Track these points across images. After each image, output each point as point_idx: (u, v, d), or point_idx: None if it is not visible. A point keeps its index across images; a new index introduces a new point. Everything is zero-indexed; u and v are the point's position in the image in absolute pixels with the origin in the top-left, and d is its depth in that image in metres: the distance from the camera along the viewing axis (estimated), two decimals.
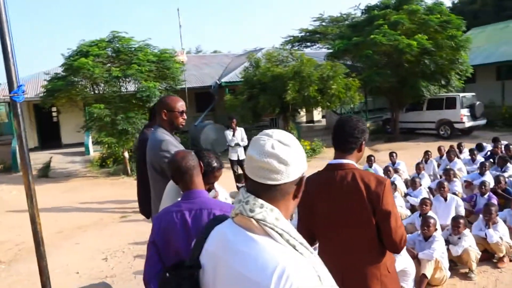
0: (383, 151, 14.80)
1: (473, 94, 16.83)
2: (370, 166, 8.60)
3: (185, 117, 3.19)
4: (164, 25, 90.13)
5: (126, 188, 11.41)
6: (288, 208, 1.21)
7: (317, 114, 21.24)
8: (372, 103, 21.91)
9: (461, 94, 16.17)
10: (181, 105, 3.13)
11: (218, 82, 17.50)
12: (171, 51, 12.93)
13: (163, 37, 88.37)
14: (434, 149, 13.56)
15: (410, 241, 4.63)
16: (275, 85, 13.09)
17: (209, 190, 2.50)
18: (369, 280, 2.21)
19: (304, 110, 15.57)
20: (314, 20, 37.44)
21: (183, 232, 2.05)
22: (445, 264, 4.40)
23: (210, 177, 2.37)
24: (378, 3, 17.36)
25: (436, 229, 4.61)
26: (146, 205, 3.61)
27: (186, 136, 16.82)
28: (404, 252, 4.14)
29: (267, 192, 1.17)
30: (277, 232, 1.11)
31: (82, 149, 16.92)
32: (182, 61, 14.03)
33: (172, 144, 3.00)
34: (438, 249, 4.35)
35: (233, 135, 9.35)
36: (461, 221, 4.68)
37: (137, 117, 11.92)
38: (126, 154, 12.93)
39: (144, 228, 7.44)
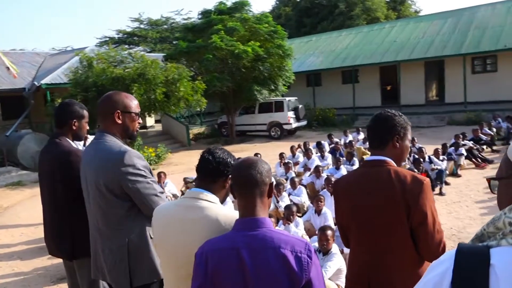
0: None
1: (296, 98, 18.86)
2: None
3: (141, 121, 2.45)
4: None
5: None
6: None
7: (150, 119, 20.30)
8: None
9: (287, 98, 17.93)
10: (137, 104, 2.40)
11: (36, 84, 14.82)
12: None
13: None
14: (268, 149, 14.70)
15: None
16: (116, 88, 11.85)
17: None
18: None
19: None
20: (132, 21, 35.93)
21: (239, 277, 1.48)
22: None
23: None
24: (212, 9, 17.71)
25: (334, 240, 4.23)
26: (66, 242, 2.65)
27: None
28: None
29: None
30: None
31: None
32: None
33: (138, 156, 2.24)
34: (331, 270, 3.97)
35: (84, 145, 7.98)
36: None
37: None
38: None
39: None
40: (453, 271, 0.95)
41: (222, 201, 1.88)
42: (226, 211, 1.77)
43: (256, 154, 9.13)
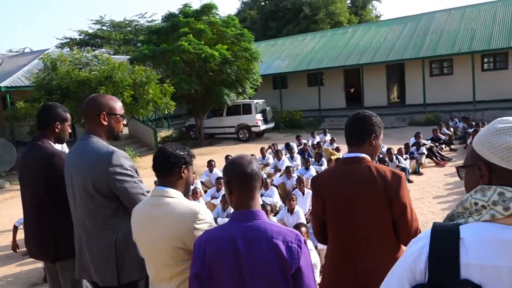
0: (196, 156, 15.11)
1: (263, 100, 19.06)
2: (211, 171, 8.65)
3: (125, 122, 2.51)
4: None
5: None
6: None
7: None
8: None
9: (255, 101, 18.08)
10: (121, 106, 2.46)
11: None
12: None
13: None
14: (237, 151, 14.79)
15: None
16: (82, 91, 11.62)
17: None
18: (382, 275, 2.19)
19: None
20: (94, 23, 35.13)
21: (234, 266, 1.60)
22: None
23: None
24: (177, 12, 17.60)
25: (308, 236, 4.39)
26: (49, 244, 2.65)
27: None
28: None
29: None
30: None
31: None
32: None
33: (125, 156, 2.30)
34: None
35: None
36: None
37: None
38: None
39: None
40: (429, 246, 1.11)
41: (185, 192, 2.03)
42: (186, 205, 1.92)
43: (227, 157, 9.22)
